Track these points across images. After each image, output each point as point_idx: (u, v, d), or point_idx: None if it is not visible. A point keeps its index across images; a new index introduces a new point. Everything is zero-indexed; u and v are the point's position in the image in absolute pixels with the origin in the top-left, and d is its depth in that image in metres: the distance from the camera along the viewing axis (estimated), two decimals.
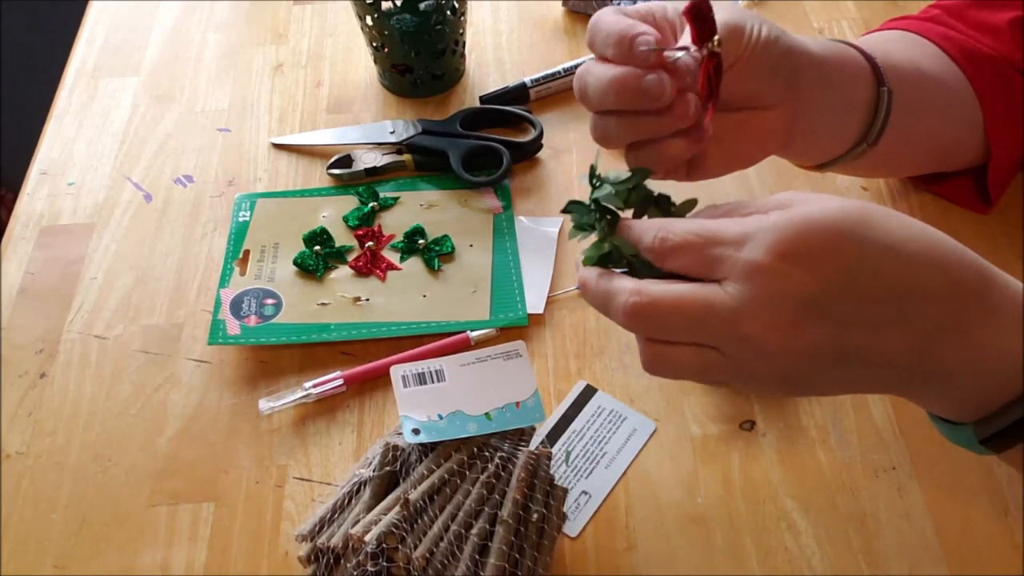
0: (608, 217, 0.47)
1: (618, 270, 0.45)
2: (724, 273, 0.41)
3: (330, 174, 0.78)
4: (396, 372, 0.56)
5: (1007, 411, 0.43)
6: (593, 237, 0.48)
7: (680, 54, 0.46)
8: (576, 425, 0.63)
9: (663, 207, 0.47)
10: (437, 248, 0.72)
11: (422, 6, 0.79)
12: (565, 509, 0.55)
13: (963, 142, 0.66)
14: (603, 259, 0.46)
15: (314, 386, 0.64)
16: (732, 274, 0.41)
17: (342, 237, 0.74)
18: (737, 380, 0.43)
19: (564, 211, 0.49)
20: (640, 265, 0.45)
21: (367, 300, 0.70)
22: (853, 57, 0.58)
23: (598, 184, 0.48)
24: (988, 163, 0.67)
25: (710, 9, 0.43)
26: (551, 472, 0.55)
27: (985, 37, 0.65)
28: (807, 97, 0.53)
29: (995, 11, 0.65)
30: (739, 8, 0.50)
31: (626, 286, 0.43)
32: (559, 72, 0.84)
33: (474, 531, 0.51)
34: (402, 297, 0.70)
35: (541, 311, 0.69)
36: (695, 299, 0.41)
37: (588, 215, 0.48)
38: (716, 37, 0.44)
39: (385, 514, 0.51)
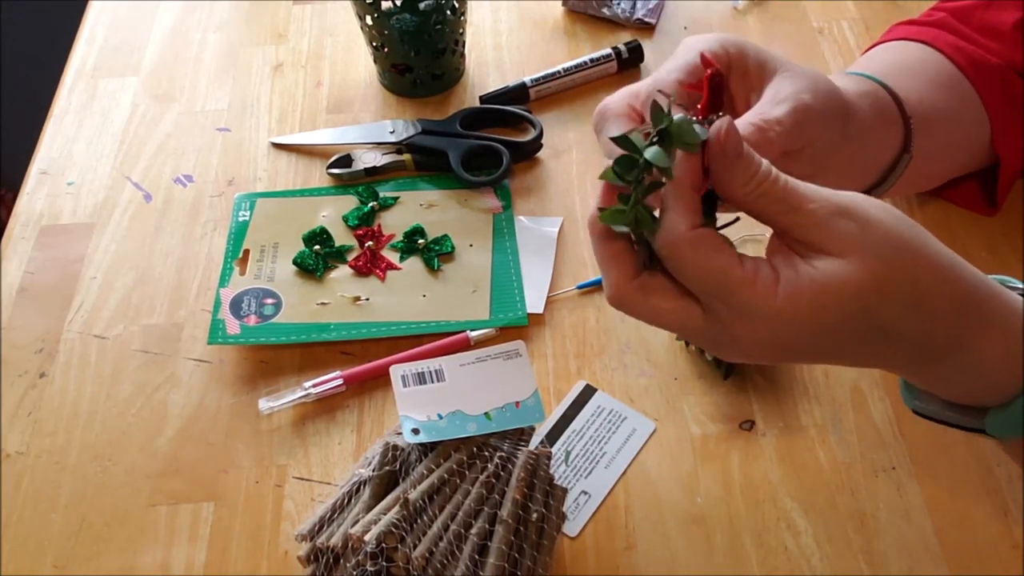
0: (647, 180, 0.41)
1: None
2: (713, 314, 0.41)
3: (330, 174, 0.78)
4: (396, 372, 0.56)
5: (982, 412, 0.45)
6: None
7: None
8: (576, 425, 0.63)
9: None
10: (437, 248, 0.72)
11: (422, 6, 0.79)
12: (565, 509, 0.55)
13: (971, 154, 0.67)
14: (621, 222, 0.42)
15: (314, 386, 0.64)
16: (720, 324, 0.41)
17: (342, 237, 0.74)
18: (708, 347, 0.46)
19: (615, 139, 0.42)
20: (650, 252, 0.42)
21: (367, 300, 0.70)
22: (891, 118, 0.58)
23: (661, 128, 0.40)
24: (994, 167, 0.67)
25: (724, 86, 0.42)
26: (551, 472, 0.55)
27: (991, 41, 0.65)
28: (834, 159, 0.53)
29: (1000, 12, 0.65)
30: (823, 84, 0.50)
31: (612, 279, 0.43)
32: (559, 72, 0.84)
33: (474, 531, 0.51)
34: (402, 297, 0.70)
35: (541, 311, 0.69)
36: (673, 319, 0.42)
37: (633, 170, 0.41)
38: (721, 113, 0.42)
39: (385, 514, 0.51)
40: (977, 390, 0.45)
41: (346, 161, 0.79)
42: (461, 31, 0.83)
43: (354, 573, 0.49)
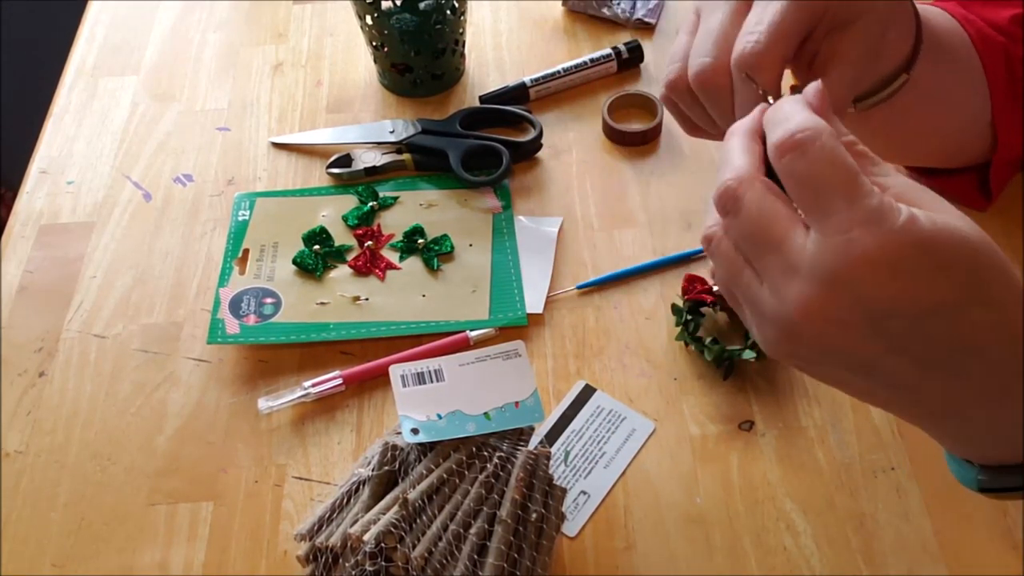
0: None
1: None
2: (827, 224, 0.36)
3: (329, 173, 0.78)
4: (395, 372, 0.56)
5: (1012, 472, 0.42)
6: None
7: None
8: (575, 425, 0.63)
9: None
10: (436, 248, 0.72)
11: (422, 5, 0.79)
12: (564, 509, 0.55)
13: (971, 132, 0.67)
14: None
15: (313, 385, 0.64)
16: (834, 234, 0.36)
17: (341, 236, 0.74)
18: (747, 311, 0.41)
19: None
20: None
21: (366, 299, 0.70)
22: (906, 20, 0.55)
23: None
24: (992, 157, 0.67)
25: None
26: (550, 472, 0.55)
27: (992, 31, 0.65)
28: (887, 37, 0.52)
29: (997, 8, 0.65)
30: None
31: (742, 161, 0.39)
32: (559, 72, 0.84)
33: (473, 531, 0.51)
34: (401, 297, 0.70)
35: (540, 311, 0.69)
36: (781, 226, 0.37)
37: None
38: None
39: (384, 514, 0.51)
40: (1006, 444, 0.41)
41: (346, 161, 0.79)
42: (461, 31, 0.83)
43: (353, 573, 0.49)
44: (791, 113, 0.38)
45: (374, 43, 0.82)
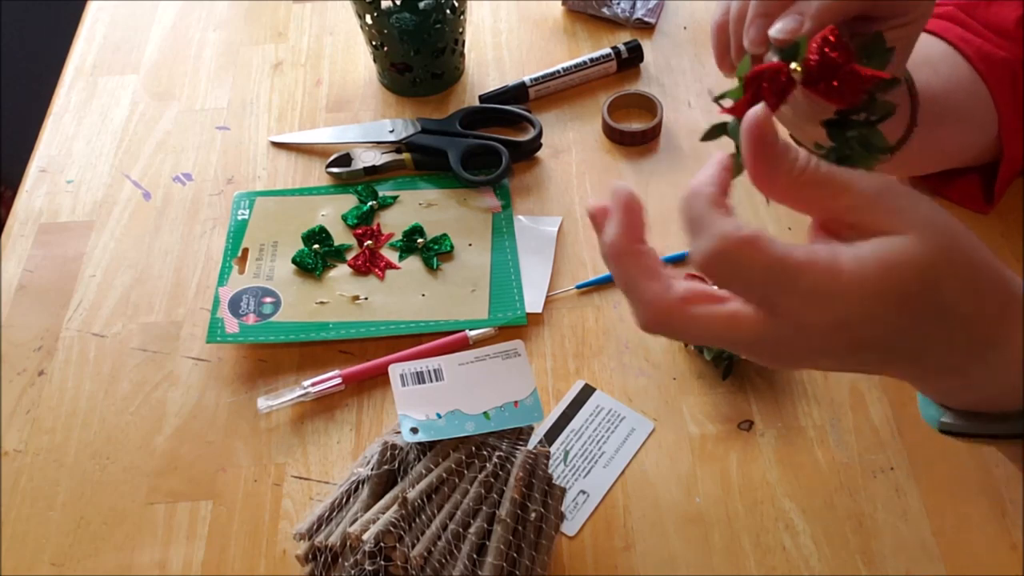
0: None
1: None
2: (775, 312, 0.38)
3: (329, 173, 0.78)
4: (395, 371, 0.56)
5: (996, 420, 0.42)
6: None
7: None
8: (574, 424, 0.63)
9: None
10: (436, 247, 0.72)
11: (422, 5, 0.79)
12: (563, 508, 0.55)
13: (974, 147, 0.67)
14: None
15: (312, 385, 0.64)
16: (787, 318, 0.38)
17: (341, 236, 0.74)
18: (749, 345, 0.40)
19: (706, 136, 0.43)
20: None
21: (366, 299, 0.70)
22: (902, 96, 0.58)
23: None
24: (995, 163, 0.68)
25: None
26: (549, 471, 0.55)
27: (996, 37, 0.65)
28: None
29: (1001, 9, 0.65)
30: None
31: (648, 296, 0.39)
32: (559, 71, 0.84)
33: (472, 530, 0.51)
34: (401, 296, 0.70)
35: (540, 311, 0.69)
36: (727, 326, 0.38)
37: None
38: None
39: (383, 513, 0.51)
40: (1007, 391, 0.42)
41: (345, 160, 0.79)
42: (461, 30, 0.83)
43: (352, 572, 0.49)
44: (709, 216, 0.38)
45: (374, 42, 0.82)
